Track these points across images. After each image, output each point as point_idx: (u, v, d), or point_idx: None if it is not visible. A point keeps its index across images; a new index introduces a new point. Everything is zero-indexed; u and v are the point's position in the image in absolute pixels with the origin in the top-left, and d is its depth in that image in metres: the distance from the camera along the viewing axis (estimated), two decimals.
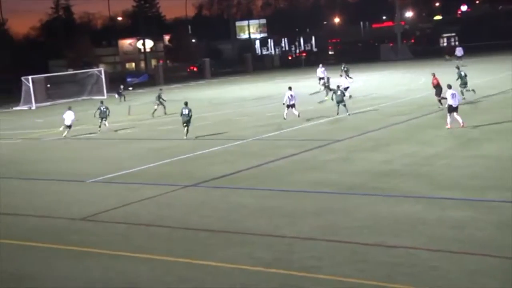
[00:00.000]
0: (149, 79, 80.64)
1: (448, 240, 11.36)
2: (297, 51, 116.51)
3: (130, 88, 56.19)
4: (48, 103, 54.46)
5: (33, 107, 51.68)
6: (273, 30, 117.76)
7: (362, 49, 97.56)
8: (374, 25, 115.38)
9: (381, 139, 22.57)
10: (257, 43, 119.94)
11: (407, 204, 13.93)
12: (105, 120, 31.74)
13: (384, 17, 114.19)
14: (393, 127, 25.25)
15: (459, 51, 57.52)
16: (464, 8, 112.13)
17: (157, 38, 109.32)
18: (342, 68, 47.44)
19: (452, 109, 23.72)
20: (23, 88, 53.16)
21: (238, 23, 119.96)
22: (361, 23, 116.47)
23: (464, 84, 31.69)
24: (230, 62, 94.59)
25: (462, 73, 31.99)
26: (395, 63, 70.02)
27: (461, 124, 23.41)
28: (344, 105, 29.51)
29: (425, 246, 11.14)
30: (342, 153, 20.60)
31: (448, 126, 23.58)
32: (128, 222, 14.28)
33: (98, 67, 71.60)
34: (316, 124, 27.80)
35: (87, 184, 19.08)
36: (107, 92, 57.25)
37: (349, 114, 29.22)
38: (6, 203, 17.24)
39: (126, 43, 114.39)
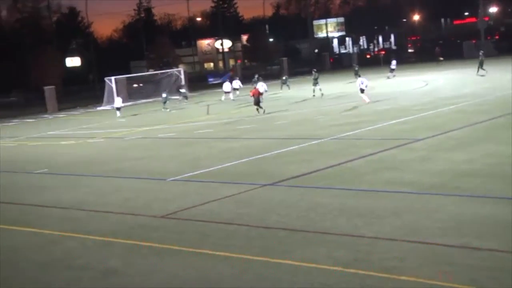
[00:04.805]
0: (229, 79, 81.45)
1: None
2: (376, 49, 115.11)
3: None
4: (129, 103, 55.88)
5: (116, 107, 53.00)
6: (351, 28, 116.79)
7: (443, 46, 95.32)
8: (456, 22, 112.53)
9: (463, 138, 21.97)
10: (335, 41, 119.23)
11: (491, 205, 13.48)
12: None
13: (466, 13, 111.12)
14: (476, 126, 24.53)
15: (393, 65, 59.21)
16: None
17: (235, 38, 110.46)
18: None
19: (362, 91, 36.21)
20: (106, 88, 54.69)
21: (315, 22, 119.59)
22: (442, 19, 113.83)
23: (315, 84, 44.73)
24: (308, 61, 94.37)
25: (316, 76, 45.40)
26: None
27: (367, 101, 35.53)
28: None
29: (511, 249, 10.75)
30: (422, 152, 20.17)
31: (367, 101, 35.63)
32: (207, 220, 14.45)
33: (177, 67, 72.91)
34: (396, 123, 27.35)
35: (168, 183, 19.43)
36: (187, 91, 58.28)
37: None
38: (89, 200, 17.80)
39: (204, 43, 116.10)
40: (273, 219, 14.02)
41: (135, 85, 62.83)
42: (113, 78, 54.78)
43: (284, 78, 55.87)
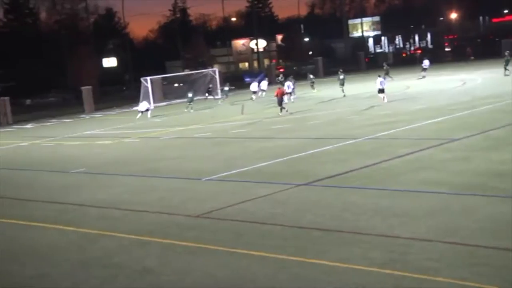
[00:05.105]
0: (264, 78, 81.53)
1: None
2: (412, 48, 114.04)
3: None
4: (165, 103, 56.27)
5: (152, 107, 53.45)
6: (387, 27, 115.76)
7: (481, 45, 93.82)
8: (494, 20, 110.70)
9: (501, 138, 21.63)
10: (370, 41, 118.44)
11: None
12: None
13: (505, 11, 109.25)
14: None
15: (425, 65, 57.54)
16: None
17: (269, 38, 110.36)
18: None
19: (380, 91, 37.16)
20: (142, 88, 55.15)
21: (351, 21, 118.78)
22: (480, 17, 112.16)
23: (342, 84, 45.36)
24: (343, 61, 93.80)
25: (341, 76, 45.59)
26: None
27: (385, 101, 36.51)
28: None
29: None
30: (459, 152, 19.93)
31: (385, 101, 36.61)
32: (242, 220, 14.50)
33: (212, 67, 73.20)
34: (432, 123, 27.07)
35: (203, 182, 19.54)
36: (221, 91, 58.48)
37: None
38: (125, 200, 18.01)
39: (239, 43, 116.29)
40: (308, 219, 14.01)
41: (176, 85, 63.18)
42: (148, 78, 55.24)
43: (311, 77, 55.58)
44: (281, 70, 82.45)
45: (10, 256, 13.64)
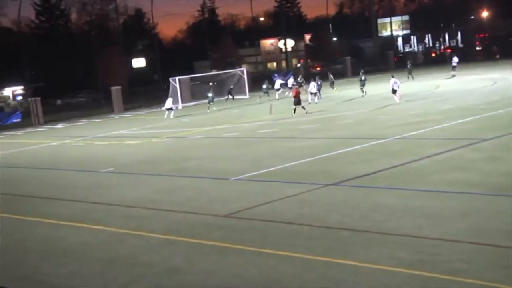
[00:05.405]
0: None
1: None
2: (442, 47, 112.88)
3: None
4: (193, 103, 56.49)
5: (180, 107, 53.70)
6: (417, 26, 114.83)
7: None
8: None
9: None
10: (400, 40, 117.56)
11: None
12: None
13: None
14: None
15: (454, 62, 57.17)
16: None
17: (298, 38, 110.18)
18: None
19: (394, 91, 37.75)
20: (171, 88, 55.45)
21: (380, 21, 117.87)
22: None
23: (362, 85, 45.60)
24: (372, 61, 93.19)
25: (363, 77, 46.08)
26: None
27: (398, 101, 37.11)
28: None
29: None
30: (490, 152, 19.67)
31: (397, 101, 37.15)
32: (269, 220, 14.48)
33: (240, 67, 73.26)
34: (462, 122, 26.76)
35: (231, 182, 19.56)
36: (249, 91, 58.51)
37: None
38: (153, 199, 18.11)
39: (267, 43, 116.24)
40: (336, 219, 13.95)
41: (210, 83, 63.47)
42: (177, 78, 55.51)
43: (331, 76, 55.51)
44: (318, 69, 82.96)
45: (39, 254, 13.82)
